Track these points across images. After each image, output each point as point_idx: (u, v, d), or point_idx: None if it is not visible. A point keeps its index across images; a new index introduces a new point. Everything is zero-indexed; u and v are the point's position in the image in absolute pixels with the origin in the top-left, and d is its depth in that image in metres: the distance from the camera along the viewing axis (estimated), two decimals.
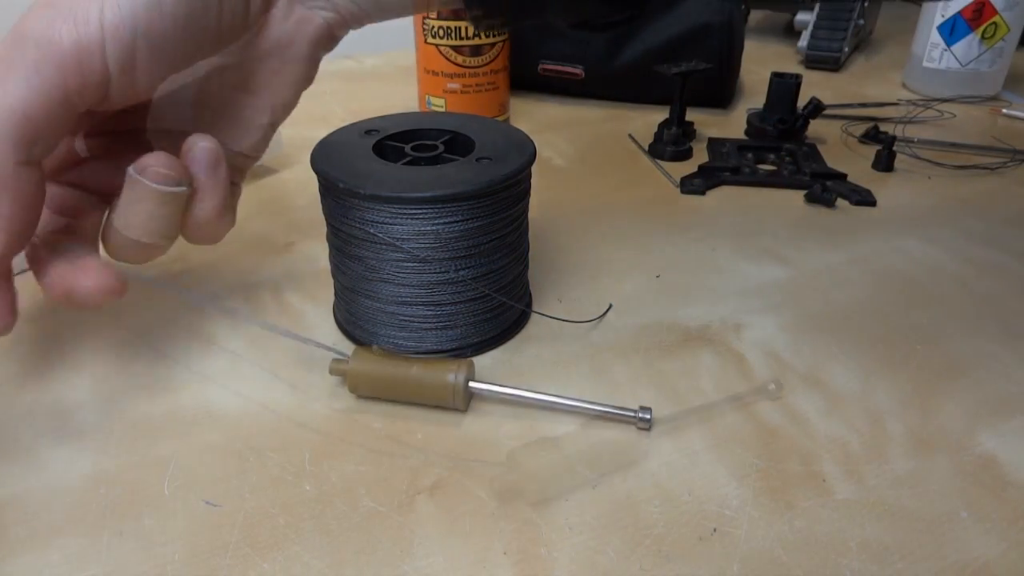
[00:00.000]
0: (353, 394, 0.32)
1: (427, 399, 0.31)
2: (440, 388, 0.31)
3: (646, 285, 0.41)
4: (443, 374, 0.31)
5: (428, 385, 0.31)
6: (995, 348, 0.36)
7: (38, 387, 0.34)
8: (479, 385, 0.31)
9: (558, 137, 0.63)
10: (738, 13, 0.66)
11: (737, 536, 0.26)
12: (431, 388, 0.31)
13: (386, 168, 0.32)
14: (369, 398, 0.32)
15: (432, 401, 0.31)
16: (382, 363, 0.31)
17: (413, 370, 0.31)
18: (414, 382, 0.31)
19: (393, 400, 0.32)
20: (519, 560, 0.25)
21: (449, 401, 0.31)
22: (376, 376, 0.31)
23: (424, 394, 0.31)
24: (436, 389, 0.31)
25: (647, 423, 0.30)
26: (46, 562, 0.25)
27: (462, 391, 0.31)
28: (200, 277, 0.42)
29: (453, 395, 0.31)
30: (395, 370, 0.31)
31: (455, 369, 0.31)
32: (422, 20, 0.58)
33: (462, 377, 0.31)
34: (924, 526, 0.26)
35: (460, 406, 0.31)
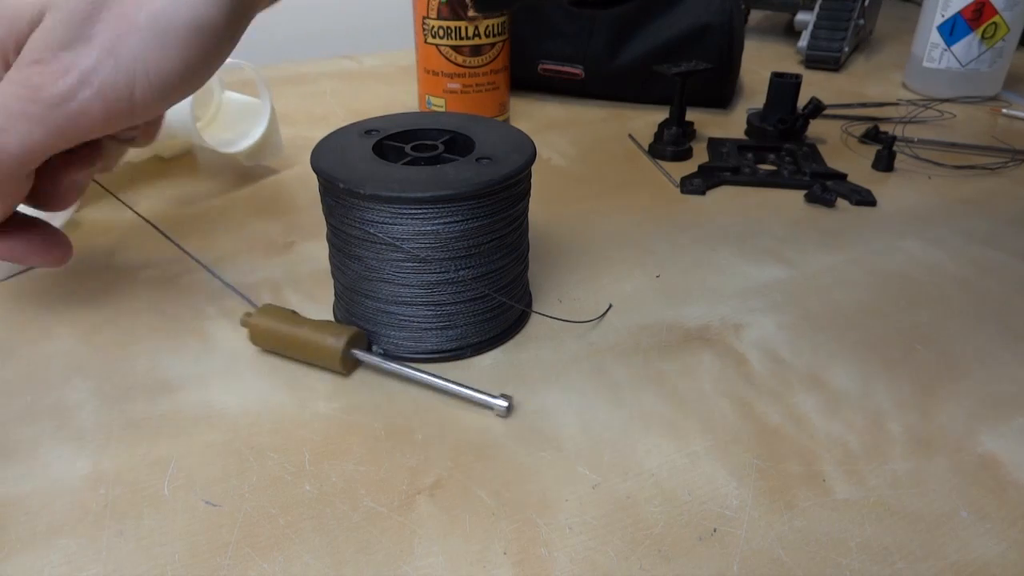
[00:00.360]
0: (254, 345, 0.35)
1: (313, 359, 0.34)
2: (323, 350, 0.33)
3: (646, 285, 0.41)
4: (326, 337, 0.33)
5: (313, 345, 0.33)
6: (995, 348, 0.36)
7: (38, 387, 0.34)
8: (362, 354, 0.33)
9: (558, 137, 0.63)
10: (738, 13, 0.66)
11: (737, 536, 0.26)
12: (315, 348, 0.33)
13: (386, 168, 0.32)
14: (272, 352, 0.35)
15: (317, 361, 0.34)
16: (279, 321, 0.34)
17: (304, 330, 0.33)
18: (302, 341, 0.33)
19: (288, 357, 0.35)
20: (519, 560, 0.25)
21: (330, 363, 0.33)
22: (272, 331, 0.34)
23: (309, 353, 0.33)
24: (320, 350, 0.33)
25: (504, 410, 0.31)
26: (46, 562, 0.25)
27: (340, 355, 0.33)
28: (200, 278, 0.42)
29: (332, 358, 0.33)
30: (289, 328, 0.34)
31: (339, 334, 0.33)
32: (422, 20, 0.58)
33: (343, 342, 0.33)
34: (924, 526, 0.26)
35: (340, 370, 0.33)
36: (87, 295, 0.40)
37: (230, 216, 0.49)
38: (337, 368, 0.33)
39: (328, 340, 0.33)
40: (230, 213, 0.50)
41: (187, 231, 0.47)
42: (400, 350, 0.35)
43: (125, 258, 0.44)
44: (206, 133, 0.54)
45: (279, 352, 0.35)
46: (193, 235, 0.47)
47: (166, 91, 0.28)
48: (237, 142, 0.53)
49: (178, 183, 0.54)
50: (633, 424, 0.31)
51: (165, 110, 0.29)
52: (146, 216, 0.49)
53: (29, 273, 0.43)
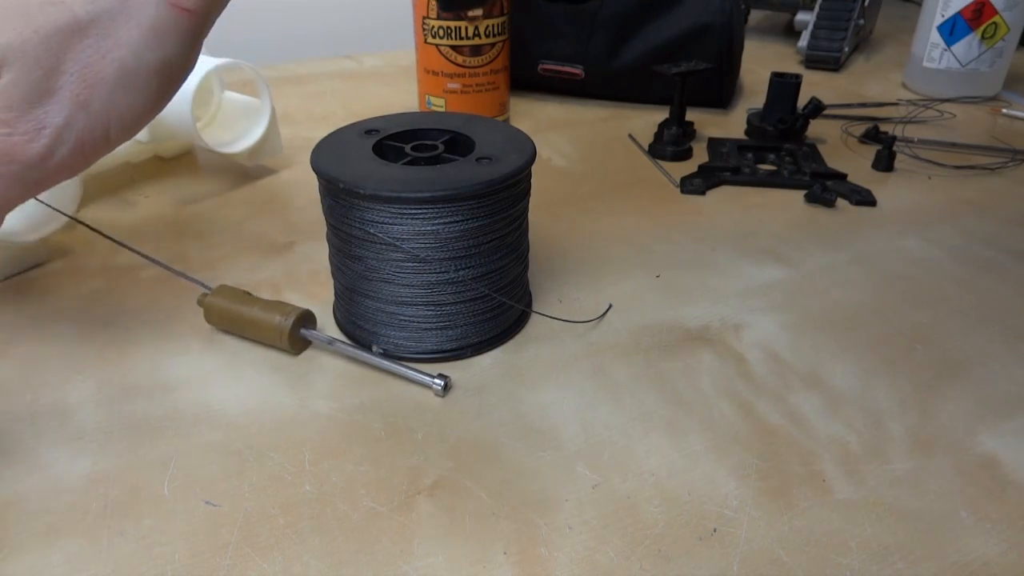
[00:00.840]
0: (209, 324, 0.36)
1: (263, 338, 0.35)
2: (270, 329, 0.34)
3: (646, 285, 0.41)
4: (274, 316, 0.34)
5: (262, 325, 0.34)
6: (995, 348, 0.36)
7: (38, 387, 0.34)
8: (311, 332, 0.34)
9: (558, 137, 0.63)
10: (738, 13, 0.66)
11: (737, 536, 0.26)
12: (265, 328, 0.34)
13: (386, 168, 0.32)
14: (227, 332, 0.36)
15: (267, 340, 0.35)
16: (232, 301, 0.35)
17: (254, 310, 0.34)
18: (251, 320, 0.34)
19: (241, 336, 0.36)
20: (519, 560, 0.25)
21: (278, 342, 0.34)
22: (224, 310, 0.35)
23: (260, 332, 0.34)
24: (268, 329, 0.34)
25: (440, 389, 0.32)
26: (46, 562, 0.25)
27: (288, 334, 0.34)
28: (200, 277, 0.42)
29: (280, 336, 0.34)
30: (240, 307, 0.35)
31: (287, 313, 0.34)
32: (422, 20, 0.58)
33: (290, 322, 0.34)
34: (924, 526, 0.26)
35: (288, 348, 0.34)
36: (87, 295, 0.40)
37: (230, 216, 0.49)
38: (286, 347, 0.34)
39: (276, 319, 0.34)
40: (230, 213, 0.50)
41: (187, 231, 0.47)
42: (400, 350, 0.35)
43: (125, 258, 0.44)
44: (206, 133, 0.54)
45: (233, 332, 0.36)
46: (193, 235, 0.47)
47: (140, 125, 0.28)
48: (237, 142, 0.53)
49: (178, 183, 0.54)
50: (633, 424, 0.31)
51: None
52: (146, 215, 0.49)
53: (29, 273, 0.43)
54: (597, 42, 0.67)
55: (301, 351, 0.35)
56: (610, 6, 0.66)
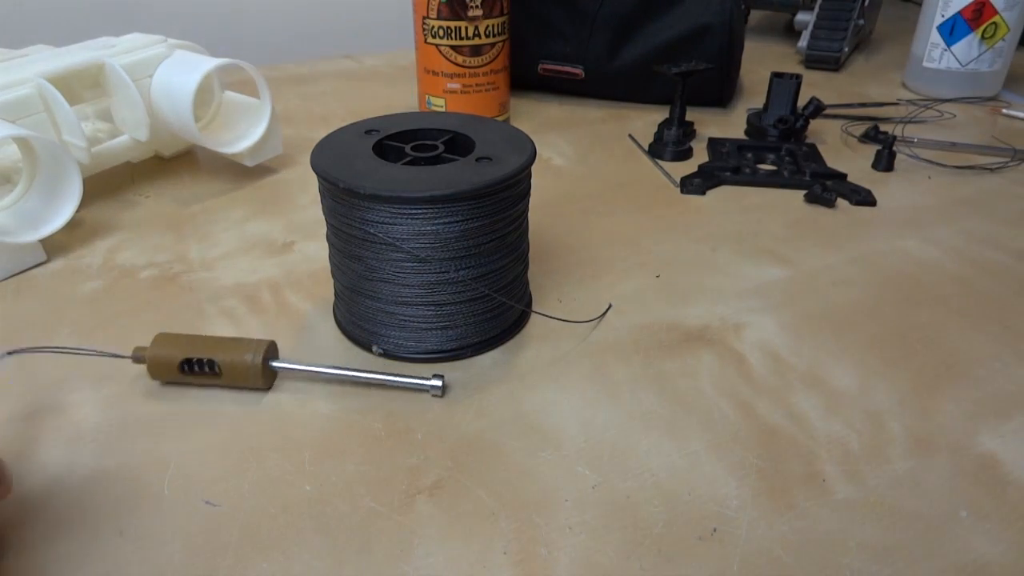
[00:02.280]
0: (155, 380, 0.33)
1: (227, 382, 0.32)
2: (241, 369, 0.32)
3: (646, 285, 0.41)
4: (242, 355, 0.32)
5: (228, 368, 0.32)
6: (995, 348, 0.36)
7: (38, 387, 0.34)
8: (281, 364, 0.33)
9: (558, 137, 0.63)
10: (738, 13, 0.65)
11: (737, 536, 0.26)
12: (231, 371, 0.32)
13: (386, 168, 0.32)
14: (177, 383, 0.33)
15: (233, 383, 0.32)
16: (181, 348, 0.32)
17: (217, 356, 0.32)
18: (218, 365, 0.32)
19: (199, 385, 0.33)
20: (519, 560, 0.25)
21: (250, 382, 0.32)
22: (174, 363, 0.32)
23: (224, 377, 0.32)
24: (237, 370, 0.32)
25: (439, 390, 0.32)
26: (46, 562, 0.25)
27: (260, 370, 0.32)
28: (200, 277, 0.42)
29: (252, 375, 0.32)
30: (200, 352, 0.32)
31: (253, 349, 0.32)
32: (422, 20, 0.58)
33: (259, 357, 0.32)
34: (924, 526, 0.26)
35: (261, 385, 0.32)
36: (87, 295, 0.40)
37: (230, 216, 0.49)
38: (261, 385, 0.32)
39: (245, 358, 0.32)
40: (230, 213, 0.50)
41: (187, 231, 0.47)
42: (400, 350, 0.35)
43: (125, 258, 0.44)
44: (206, 133, 0.54)
45: (186, 382, 0.33)
46: (193, 235, 0.47)
47: None
48: (237, 142, 0.53)
49: (178, 183, 0.54)
50: (633, 424, 0.31)
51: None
52: (146, 215, 0.49)
53: (29, 273, 0.43)
54: (597, 42, 0.67)
55: (270, 385, 0.33)
56: (610, 6, 0.66)
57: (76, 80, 0.50)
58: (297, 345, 0.36)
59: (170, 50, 0.52)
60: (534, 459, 0.29)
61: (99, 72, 0.50)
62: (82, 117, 0.53)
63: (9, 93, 0.44)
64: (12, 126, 0.42)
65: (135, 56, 0.50)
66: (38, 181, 0.44)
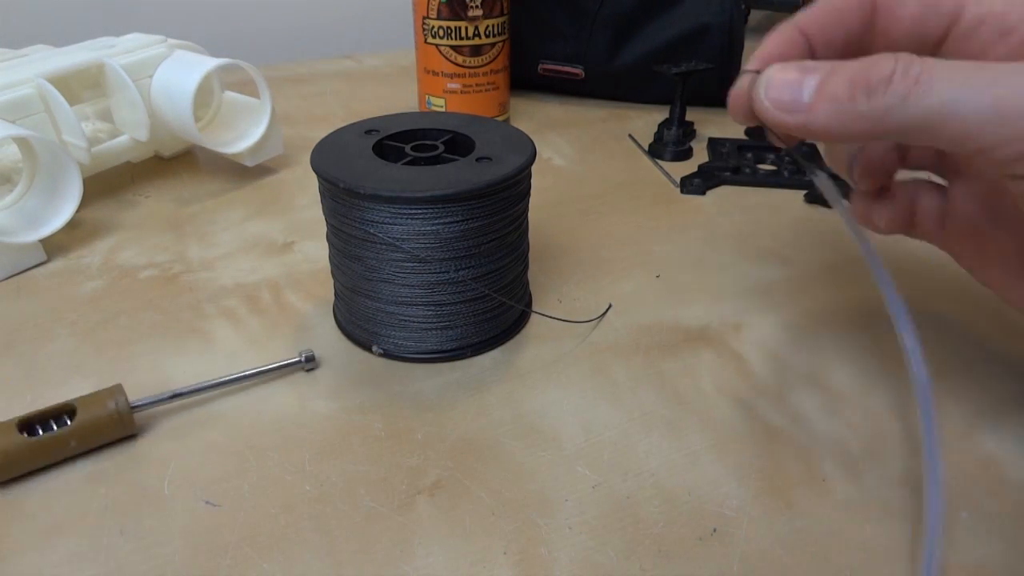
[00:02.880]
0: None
1: (91, 444, 0.29)
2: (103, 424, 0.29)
3: (646, 285, 0.41)
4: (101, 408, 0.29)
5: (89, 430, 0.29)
6: (995, 348, 0.36)
7: (38, 387, 0.33)
8: (142, 400, 0.30)
9: (558, 137, 0.63)
10: (738, 13, 0.65)
11: (737, 536, 0.26)
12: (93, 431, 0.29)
13: (386, 168, 0.32)
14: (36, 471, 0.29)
15: (99, 441, 0.29)
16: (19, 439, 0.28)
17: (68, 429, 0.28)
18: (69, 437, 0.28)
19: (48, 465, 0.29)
20: (519, 560, 0.25)
21: (120, 431, 0.30)
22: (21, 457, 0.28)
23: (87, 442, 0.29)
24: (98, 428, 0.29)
25: (312, 363, 0.33)
26: (46, 562, 0.25)
27: (128, 414, 0.29)
28: (200, 277, 0.42)
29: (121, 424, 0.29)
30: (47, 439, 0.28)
31: (108, 397, 0.29)
32: (422, 20, 0.58)
33: (122, 402, 0.29)
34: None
35: (134, 431, 0.30)
36: (87, 295, 0.40)
37: (230, 216, 0.49)
38: (133, 431, 0.30)
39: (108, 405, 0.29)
40: (230, 213, 0.50)
41: (187, 231, 0.47)
42: (401, 350, 0.35)
43: (125, 258, 0.44)
44: (206, 133, 0.54)
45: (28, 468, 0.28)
46: (193, 235, 0.47)
47: None
48: (237, 142, 0.53)
49: (178, 183, 0.54)
50: (633, 424, 0.31)
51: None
52: (146, 215, 0.49)
53: (29, 273, 0.43)
54: (597, 42, 0.67)
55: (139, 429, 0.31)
56: (610, 6, 0.66)
57: (76, 80, 0.50)
58: (297, 345, 0.36)
59: (170, 50, 0.52)
60: (534, 459, 0.29)
61: (99, 72, 0.50)
62: (82, 117, 0.53)
63: (9, 93, 0.44)
64: (12, 126, 0.42)
65: (135, 56, 0.50)
66: (38, 181, 0.44)
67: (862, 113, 0.22)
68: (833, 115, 0.23)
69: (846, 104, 0.22)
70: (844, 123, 0.23)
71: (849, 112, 0.22)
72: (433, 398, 0.33)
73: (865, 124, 0.22)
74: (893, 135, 0.22)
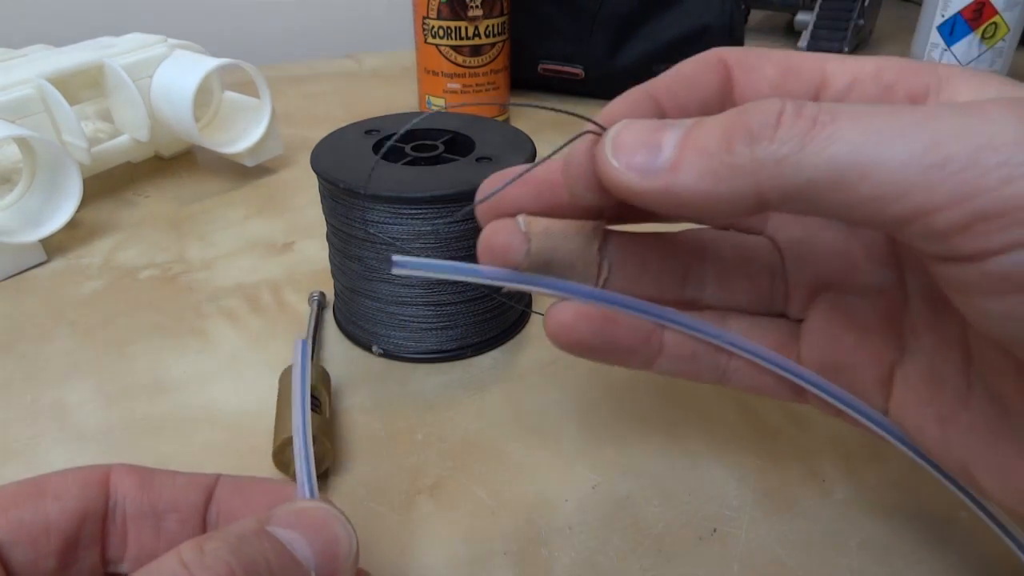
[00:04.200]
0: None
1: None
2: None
3: None
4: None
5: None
6: None
7: (38, 387, 0.33)
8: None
9: (558, 137, 0.63)
10: (738, 13, 0.65)
11: (737, 536, 0.26)
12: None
13: (386, 168, 0.32)
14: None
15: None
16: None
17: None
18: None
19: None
20: (519, 560, 0.25)
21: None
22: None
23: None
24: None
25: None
26: None
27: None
28: (200, 277, 0.42)
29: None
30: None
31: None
32: (422, 20, 0.58)
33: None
34: (924, 526, 0.26)
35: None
36: (87, 295, 0.40)
37: (230, 216, 0.49)
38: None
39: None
40: (230, 213, 0.50)
41: (187, 231, 0.47)
42: (400, 350, 0.35)
43: (125, 258, 0.44)
44: (206, 133, 0.54)
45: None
46: (193, 235, 0.47)
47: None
48: (237, 142, 0.53)
49: (178, 183, 0.54)
50: (632, 424, 0.31)
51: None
52: (146, 215, 0.49)
53: (29, 273, 0.43)
54: (597, 42, 0.67)
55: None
56: (610, 6, 0.66)
57: (76, 80, 0.50)
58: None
59: (170, 50, 0.52)
60: (534, 459, 0.29)
61: (99, 72, 0.50)
62: (82, 117, 0.53)
63: (9, 93, 0.44)
64: (12, 126, 0.42)
65: (135, 56, 0.50)
66: (38, 181, 0.44)
67: (742, 166, 0.16)
68: (706, 172, 0.17)
69: (721, 156, 0.16)
70: (720, 182, 0.17)
71: (726, 166, 0.16)
72: (433, 398, 0.33)
73: (746, 182, 0.16)
74: (787, 198, 0.16)
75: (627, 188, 0.18)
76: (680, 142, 0.17)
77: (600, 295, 0.22)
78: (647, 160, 0.18)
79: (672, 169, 0.17)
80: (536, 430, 0.31)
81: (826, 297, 0.23)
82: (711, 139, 0.17)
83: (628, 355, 0.23)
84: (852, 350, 0.22)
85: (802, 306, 0.24)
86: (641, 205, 0.18)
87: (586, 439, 0.30)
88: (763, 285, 0.24)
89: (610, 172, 0.18)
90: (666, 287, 0.23)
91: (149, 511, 0.20)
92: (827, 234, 0.23)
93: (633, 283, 0.23)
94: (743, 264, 0.24)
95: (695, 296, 0.24)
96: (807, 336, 0.23)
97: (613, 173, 0.18)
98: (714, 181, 0.17)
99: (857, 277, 0.22)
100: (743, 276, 0.24)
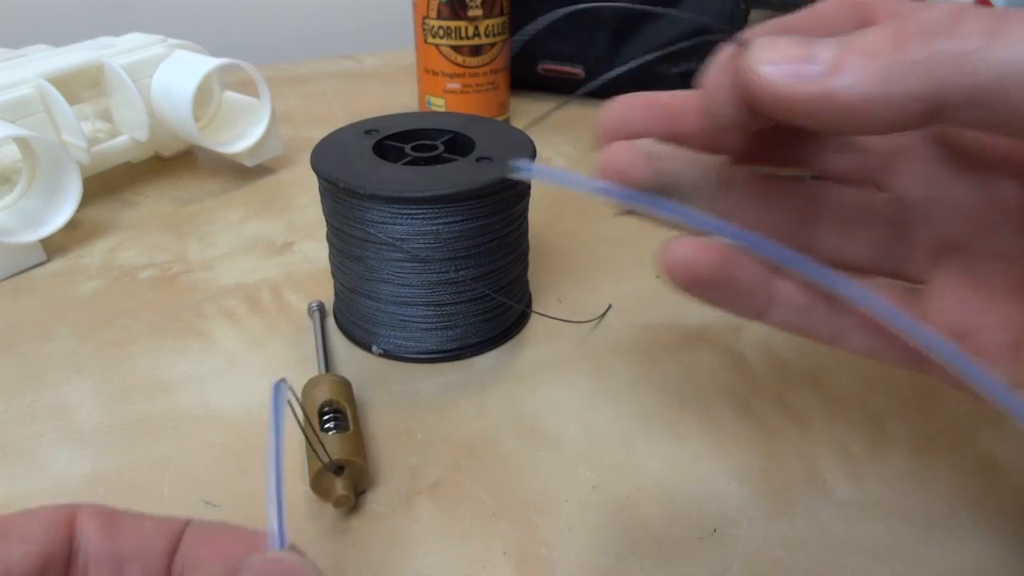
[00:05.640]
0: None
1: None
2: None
3: (646, 285, 0.41)
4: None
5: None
6: None
7: (38, 387, 0.33)
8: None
9: (558, 137, 0.63)
10: (738, 13, 0.66)
11: (737, 536, 0.26)
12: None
13: (386, 168, 0.32)
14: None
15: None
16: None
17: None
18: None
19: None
20: (519, 560, 0.25)
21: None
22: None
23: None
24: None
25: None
26: None
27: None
28: (200, 277, 0.42)
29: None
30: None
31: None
32: (422, 20, 0.58)
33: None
34: (924, 526, 0.26)
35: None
36: (87, 295, 0.40)
37: (230, 216, 0.49)
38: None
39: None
40: (230, 213, 0.50)
41: (187, 231, 0.47)
42: (400, 350, 0.35)
43: (125, 258, 0.44)
44: (206, 133, 0.54)
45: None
46: (193, 235, 0.47)
47: None
48: (237, 142, 0.53)
49: (178, 183, 0.54)
50: (633, 424, 0.31)
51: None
52: (146, 215, 0.49)
53: (29, 273, 0.43)
54: (597, 42, 0.67)
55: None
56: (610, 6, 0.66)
57: (76, 80, 0.50)
58: (297, 345, 0.36)
59: (170, 50, 0.52)
60: (534, 459, 0.29)
61: (99, 72, 0.50)
62: (82, 117, 0.53)
63: (9, 93, 0.44)
64: (12, 126, 0.42)
65: (135, 56, 0.50)
66: (38, 181, 0.44)
67: (918, 62, 0.15)
68: (874, 72, 0.15)
69: (892, 54, 0.15)
70: (890, 82, 0.15)
71: (899, 64, 0.15)
72: (433, 398, 0.33)
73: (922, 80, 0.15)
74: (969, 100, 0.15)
75: (777, 95, 0.16)
76: (838, 48, 0.16)
77: (728, 228, 0.20)
78: (801, 66, 0.16)
79: (832, 72, 0.15)
80: (536, 430, 0.31)
81: (954, 259, 0.21)
82: (878, 41, 0.15)
83: (744, 298, 0.21)
84: (980, 316, 0.20)
85: (925, 267, 0.21)
86: (789, 119, 0.16)
87: (586, 439, 0.30)
88: (883, 242, 0.22)
89: (758, 79, 0.16)
90: (783, 231, 0.22)
91: (111, 557, 0.19)
92: (958, 192, 0.21)
93: (752, 224, 0.21)
94: (864, 217, 0.22)
95: (810, 244, 0.22)
96: (932, 300, 0.21)
97: (761, 80, 0.16)
98: (883, 82, 0.15)
99: (990, 241, 0.20)
100: (864, 228, 0.22)
